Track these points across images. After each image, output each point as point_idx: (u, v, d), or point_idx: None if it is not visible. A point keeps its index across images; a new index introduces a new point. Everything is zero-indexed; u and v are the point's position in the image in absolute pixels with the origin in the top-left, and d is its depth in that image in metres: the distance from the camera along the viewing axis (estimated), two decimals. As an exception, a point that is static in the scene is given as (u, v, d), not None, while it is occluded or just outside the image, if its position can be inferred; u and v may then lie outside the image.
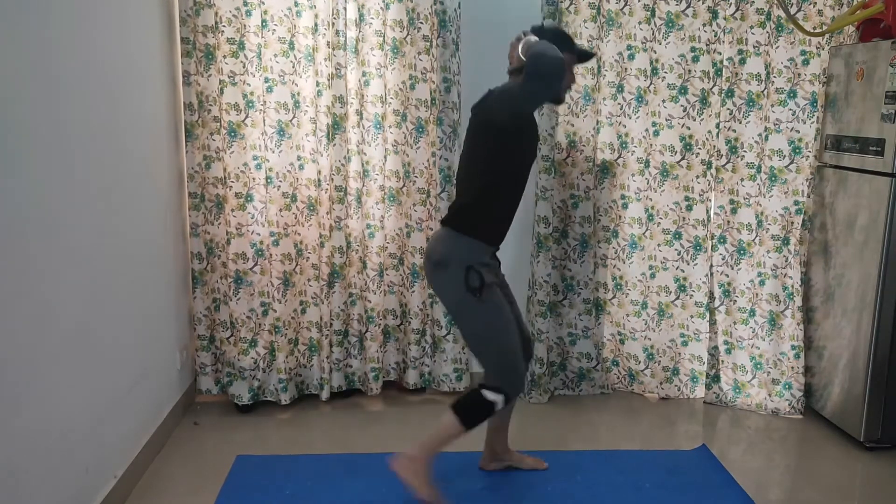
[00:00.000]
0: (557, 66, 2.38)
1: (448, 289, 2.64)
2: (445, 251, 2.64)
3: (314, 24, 3.37)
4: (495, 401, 2.61)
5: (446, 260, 2.62)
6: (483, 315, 2.62)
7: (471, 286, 2.57)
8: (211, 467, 3.03)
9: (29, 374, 2.10)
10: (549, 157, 3.58)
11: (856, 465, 3.17)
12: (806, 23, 3.46)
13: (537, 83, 2.41)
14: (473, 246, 2.64)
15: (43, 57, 2.19)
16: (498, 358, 2.65)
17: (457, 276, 2.59)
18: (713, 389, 3.76)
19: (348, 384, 3.73)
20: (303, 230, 3.56)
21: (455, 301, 2.64)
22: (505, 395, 2.61)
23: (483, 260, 2.65)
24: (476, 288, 2.58)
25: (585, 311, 3.77)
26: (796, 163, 3.56)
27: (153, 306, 3.14)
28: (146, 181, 3.08)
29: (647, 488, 2.92)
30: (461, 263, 2.59)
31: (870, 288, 3.21)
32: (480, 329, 2.65)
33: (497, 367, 2.64)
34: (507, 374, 2.64)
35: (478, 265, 2.60)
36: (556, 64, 2.38)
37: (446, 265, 2.62)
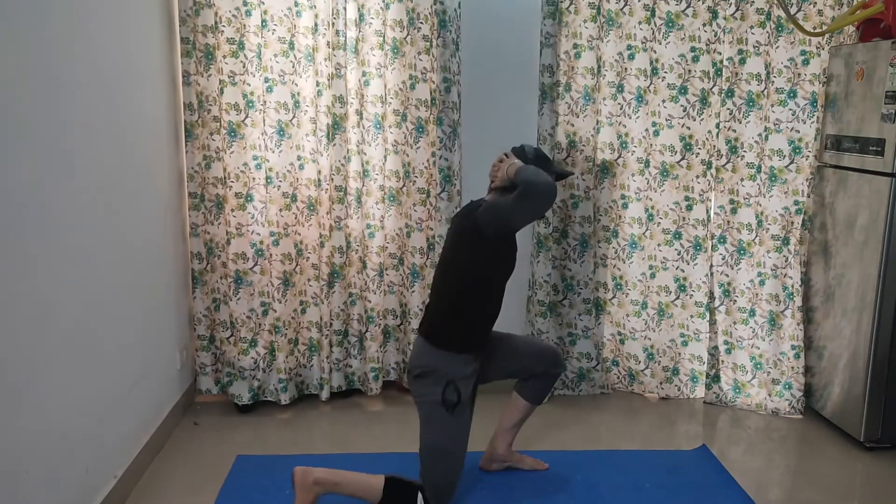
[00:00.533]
0: (550, 190, 2.53)
1: (425, 399, 2.66)
2: (427, 364, 2.66)
3: (314, 23, 3.37)
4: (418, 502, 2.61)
5: (427, 373, 2.65)
6: (448, 429, 2.64)
7: (447, 401, 2.61)
8: (211, 467, 3.03)
9: (29, 374, 2.10)
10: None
11: (856, 465, 3.17)
12: (806, 23, 3.46)
13: (532, 203, 2.53)
14: (455, 360, 2.65)
15: (43, 57, 2.19)
16: (442, 475, 2.64)
17: (435, 391, 2.62)
18: (713, 389, 3.76)
19: (348, 384, 3.73)
20: (303, 230, 3.56)
21: (428, 411, 2.66)
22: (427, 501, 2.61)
23: (465, 372, 2.66)
24: (452, 403, 2.62)
25: (585, 311, 3.77)
26: (796, 163, 3.56)
27: (153, 306, 3.14)
28: (146, 181, 3.08)
29: (647, 488, 2.92)
30: (441, 379, 2.62)
31: (870, 288, 3.21)
32: (440, 439, 2.64)
33: (437, 483, 2.63)
34: (443, 492, 2.64)
35: (458, 380, 2.63)
36: (549, 188, 2.53)
37: (426, 378, 2.65)
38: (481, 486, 2.91)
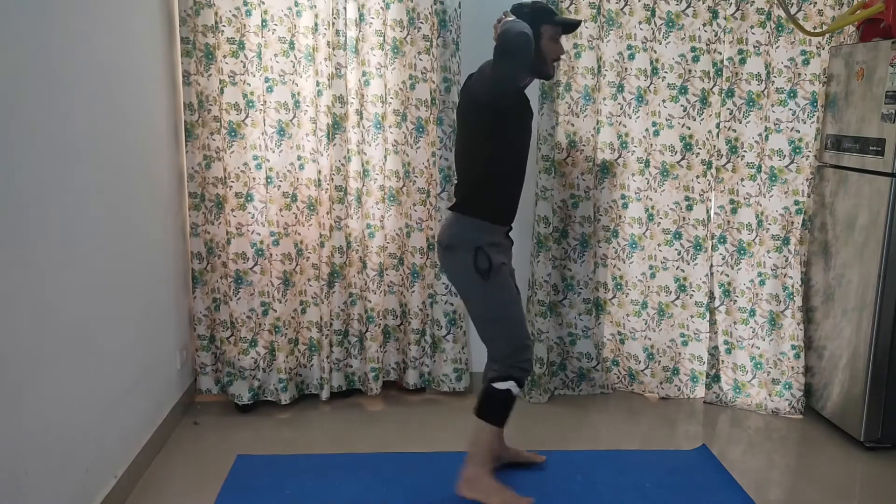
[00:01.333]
0: (520, 41, 2.37)
1: (458, 271, 2.65)
2: (454, 234, 2.66)
3: (314, 23, 3.37)
4: (509, 388, 2.61)
5: (455, 242, 2.64)
6: (491, 296, 2.63)
7: (479, 268, 2.58)
8: (211, 467, 3.03)
9: (29, 374, 2.10)
10: (549, 157, 3.59)
11: (856, 465, 3.17)
12: (806, 23, 3.46)
13: (504, 61, 2.43)
14: (481, 226, 2.65)
15: (43, 57, 2.19)
16: (506, 339, 2.64)
17: (466, 258, 2.60)
18: (713, 389, 3.76)
19: (348, 384, 3.73)
20: (303, 230, 3.56)
21: (464, 283, 2.65)
22: (515, 379, 2.61)
23: (492, 240, 2.66)
24: (485, 269, 2.58)
25: (585, 310, 3.76)
26: (796, 163, 3.56)
27: (153, 306, 3.14)
28: (146, 181, 3.08)
29: (647, 488, 2.92)
30: (470, 245, 2.60)
31: (870, 288, 3.21)
32: (489, 309, 2.65)
33: (504, 349, 2.63)
34: (515, 354, 2.63)
35: (486, 246, 2.61)
36: (518, 39, 2.37)
37: (455, 248, 2.64)
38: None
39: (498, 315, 2.65)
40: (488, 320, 2.66)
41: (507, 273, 2.70)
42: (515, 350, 2.64)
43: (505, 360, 2.63)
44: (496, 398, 2.64)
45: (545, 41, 2.68)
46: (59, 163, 2.28)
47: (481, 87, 2.57)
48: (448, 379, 3.72)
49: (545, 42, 2.67)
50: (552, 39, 2.70)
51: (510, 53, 2.41)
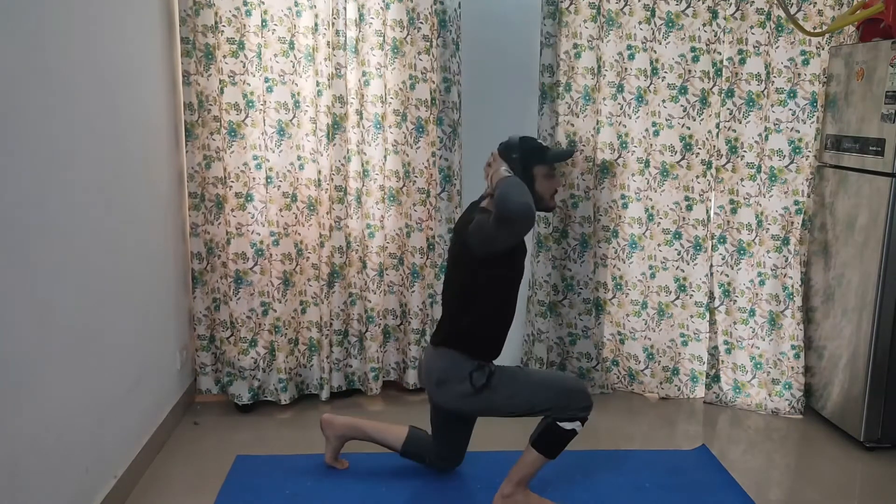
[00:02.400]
0: (522, 212, 2.33)
1: (461, 400, 2.62)
2: (444, 368, 2.63)
3: (314, 23, 3.37)
4: (574, 429, 2.58)
5: (447, 377, 2.62)
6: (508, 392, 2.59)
7: (478, 387, 2.56)
8: (211, 467, 3.03)
9: (29, 374, 2.10)
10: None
11: (856, 465, 3.17)
12: (806, 23, 3.46)
13: (506, 228, 2.41)
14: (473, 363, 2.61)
15: (42, 57, 2.19)
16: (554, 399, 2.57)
17: (463, 387, 2.58)
18: (713, 389, 3.77)
19: (348, 384, 3.73)
20: (303, 230, 3.56)
21: (475, 405, 2.62)
22: (580, 419, 2.57)
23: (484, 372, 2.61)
24: (484, 385, 2.57)
25: (585, 311, 3.76)
26: (796, 163, 3.56)
27: (153, 306, 3.14)
28: (146, 181, 3.08)
29: (647, 488, 2.92)
30: (462, 374, 2.58)
31: (870, 288, 3.21)
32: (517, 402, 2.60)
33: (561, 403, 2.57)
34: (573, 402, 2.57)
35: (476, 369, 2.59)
36: (520, 211, 2.33)
37: (449, 381, 2.62)
38: (481, 488, 2.90)
39: (529, 396, 2.59)
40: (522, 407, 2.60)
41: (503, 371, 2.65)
42: (570, 399, 2.58)
43: (566, 410, 2.56)
44: (559, 435, 2.58)
45: (539, 182, 2.63)
46: (58, 163, 2.28)
47: (480, 243, 2.51)
48: (448, 379, 3.71)
49: (539, 182, 2.63)
50: (546, 177, 2.65)
51: (513, 225, 2.39)
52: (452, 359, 2.63)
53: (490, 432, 3.04)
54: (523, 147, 2.62)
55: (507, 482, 2.68)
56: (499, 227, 2.40)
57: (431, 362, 2.70)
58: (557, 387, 2.61)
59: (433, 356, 2.70)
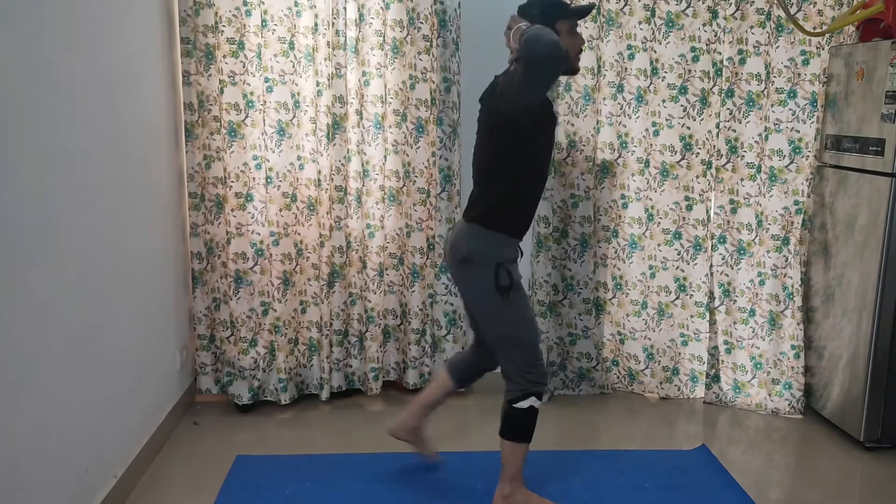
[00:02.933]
0: (552, 51, 2.25)
1: (475, 286, 2.57)
2: (474, 247, 2.55)
3: (314, 23, 3.37)
4: (532, 405, 2.57)
5: (474, 256, 2.54)
6: (510, 314, 2.56)
7: (500, 285, 2.50)
8: (211, 467, 3.03)
9: (29, 374, 2.10)
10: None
11: (856, 465, 3.18)
12: (806, 23, 3.46)
13: (535, 72, 2.31)
14: (501, 240, 2.56)
15: (42, 57, 2.19)
16: (522, 357, 2.58)
17: (485, 274, 2.52)
18: (713, 389, 3.77)
19: (348, 384, 3.73)
20: (303, 230, 3.56)
21: (481, 299, 2.57)
22: (534, 394, 2.57)
23: (511, 255, 2.58)
24: (506, 287, 2.51)
25: (585, 310, 3.76)
26: (796, 163, 3.56)
27: (153, 306, 3.14)
28: (146, 181, 3.08)
29: (647, 488, 2.92)
30: (490, 261, 2.52)
31: (870, 288, 3.21)
32: (507, 328, 2.59)
33: (520, 366, 2.58)
34: (530, 370, 2.58)
35: (507, 262, 2.54)
36: (550, 50, 2.25)
37: (474, 262, 2.54)
38: (481, 486, 2.91)
39: (516, 334, 2.59)
40: (505, 338, 2.60)
41: (524, 292, 2.63)
42: (531, 366, 2.59)
43: (521, 376, 2.57)
44: (520, 417, 2.59)
45: (563, 38, 2.50)
46: (58, 163, 2.28)
47: (510, 99, 2.43)
48: (448, 379, 3.71)
49: (563, 39, 2.49)
50: (570, 33, 2.56)
51: (546, 65, 2.29)
52: (484, 239, 2.55)
53: (490, 432, 3.04)
54: (542, 2, 2.54)
55: (501, 482, 2.69)
56: (528, 71, 2.29)
57: (460, 237, 2.61)
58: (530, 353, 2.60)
59: (464, 232, 2.61)
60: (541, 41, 2.24)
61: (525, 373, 2.58)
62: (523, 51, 2.28)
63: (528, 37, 2.26)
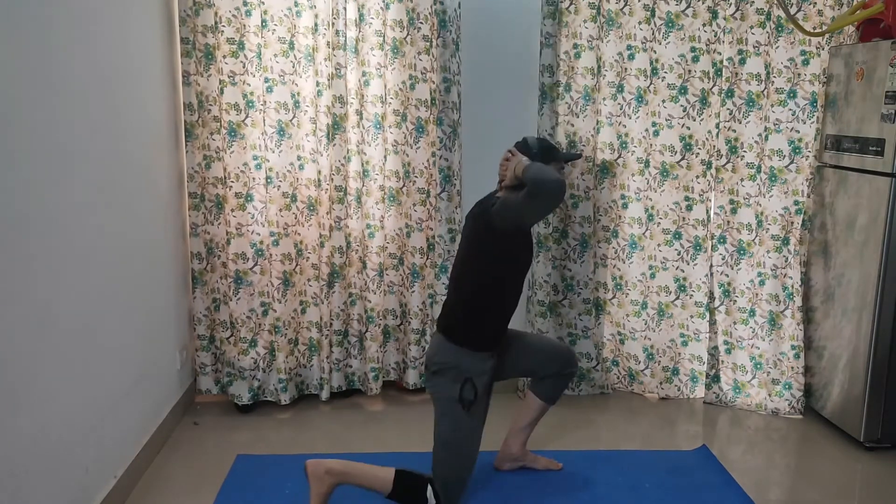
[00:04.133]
0: (557, 189, 2.54)
1: (442, 393, 2.69)
2: (445, 361, 2.68)
3: (314, 24, 3.37)
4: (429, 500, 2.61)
5: (445, 369, 2.67)
6: (463, 427, 2.66)
7: (464, 398, 2.64)
8: (211, 467, 3.03)
9: (29, 374, 2.10)
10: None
11: (856, 465, 3.18)
12: (806, 23, 3.46)
13: (538, 203, 2.57)
14: (474, 357, 2.68)
15: (43, 57, 2.19)
16: (453, 470, 2.66)
17: (453, 387, 2.64)
18: (713, 389, 3.77)
19: (348, 384, 3.73)
20: (303, 230, 3.56)
21: (444, 404, 2.68)
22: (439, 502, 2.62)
23: (483, 369, 2.68)
24: (469, 401, 2.64)
25: (585, 311, 3.76)
26: (796, 163, 3.56)
27: (153, 306, 3.14)
28: (146, 181, 3.08)
29: (647, 488, 2.92)
30: (459, 375, 2.65)
31: (870, 288, 3.21)
32: (453, 437, 2.67)
33: (448, 478, 2.64)
34: (453, 488, 2.66)
35: (476, 375, 2.66)
36: (556, 188, 2.53)
37: (444, 374, 2.67)
38: (483, 486, 2.91)
39: (459, 445, 2.67)
40: (448, 444, 2.67)
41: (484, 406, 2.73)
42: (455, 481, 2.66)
43: (443, 485, 2.63)
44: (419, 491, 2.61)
45: None
46: (58, 163, 2.28)
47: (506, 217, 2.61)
48: (448, 379, 3.71)
49: None
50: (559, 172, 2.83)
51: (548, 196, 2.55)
52: (455, 355, 2.67)
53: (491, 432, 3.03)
54: (541, 145, 2.81)
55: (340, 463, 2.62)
56: (532, 200, 2.54)
57: (435, 352, 2.74)
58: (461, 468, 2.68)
59: (439, 346, 2.74)
60: (550, 178, 2.54)
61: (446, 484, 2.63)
62: (532, 181, 2.53)
63: (538, 172, 2.55)
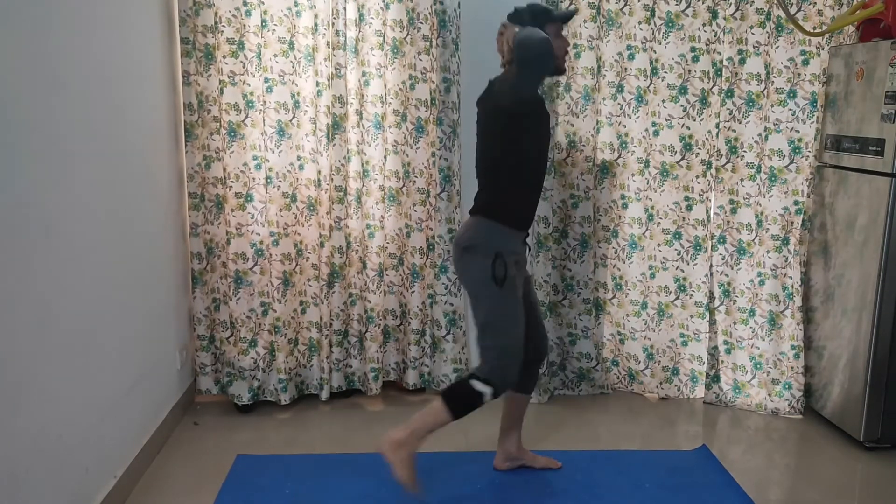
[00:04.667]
0: (543, 47, 2.45)
1: (472, 272, 2.66)
2: (475, 236, 2.68)
3: (314, 24, 3.37)
4: (483, 392, 2.59)
5: (475, 245, 2.66)
6: (499, 306, 2.64)
7: (496, 275, 2.60)
8: (211, 467, 3.03)
9: (29, 374, 2.10)
10: (549, 157, 3.58)
11: (856, 465, 3.18)
12: (806, 23, 3.46)
13: (529, 67, 2.50)
14: (503, 232, 2.68)
15: (43, 57, 2.19)
16: (499, 351, 2.64)
17: (483, 262, 2.62)
18: (713, 389, 3.77)
19: (348, 384, 3.73)
20: (303, 230, 3.56)
21: (476, 285, 2.66)
22: (494, 388, 2.60)
23: (512, 248, 2.68)
24: (501, 277, 2.60)
25: (585, 311, 3.77)
26: (796, 163, 3.56)
27: (153, 306, 3.14)
28: (146, 181, 3.08)
29: (647, 488, 2.92)
30: (490, 250, 2.62)
31: (870, 288, 3.21)
32: (492, 319, 2.65)
33: (495, 360, 2.63)
34: (503, 368, 2.63)
35: (507, 254, 2.64)
36: (541, 46, 2.45)
37: (475, 250, 2.65)
38: (481, 486, 2.91)
39: (500, 325, 2.65)
40: (489, 327, 2.66)
41: (519, 291, 2.70)
42: (506, 363, 2.64)
43: (492, 369, 2.62)
44: (468, 394, 2.61)
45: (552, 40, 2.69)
46: (58, 163, 2.28)
47: (506, 94, 2.60)
48: (448, 379, 3.71)
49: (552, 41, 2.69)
50: (556, 36, 2.73)
51: (535, 58, 2.48)
52: (486, 230, 2.68)
53: (492, 432, 3.04)
54: (532, 10, 2.71)
55: (402, 427, 2.65)
56: (522, 67, 2.48)
57: (464, 230, 2.74)
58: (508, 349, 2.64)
59: (468, 224, 2.75)
60: (533, 38, 2.46)
61: (496, 367, 2.62)
62: (517, 46, 2.47)
63: (522, 35, 2.47)
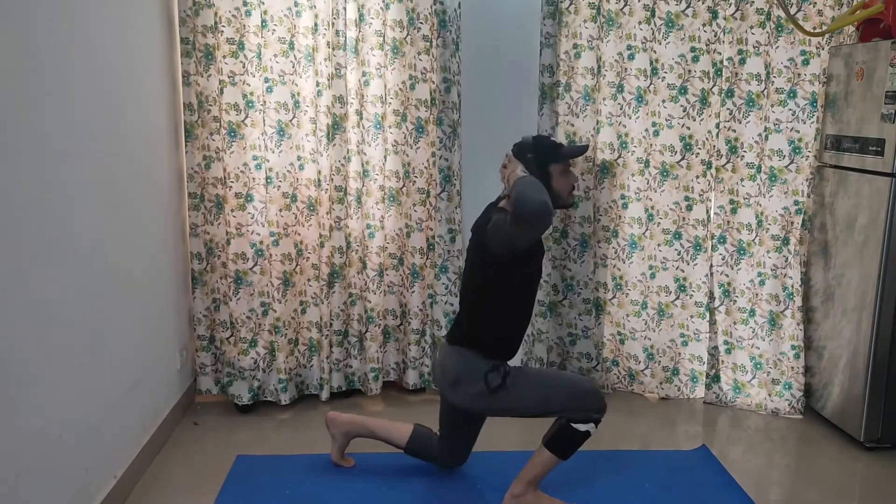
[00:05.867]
0: (542, 212, 2.31)
1: (477, 402, 2.63)
2: (458, 371, 2.63)
3: (314, 24, 3.37)
4: (588, 430, 2.57)
5: (461, 379, 2.62)
6: (524, 394, 2.60)
7: (493, 388, 2.57)
8: (211, 467, 3.03)
9: (29, 374, 2.10)
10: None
11: (856, 465, 3.18)
12: (806, 23, 3.46)
13: (524, 227, 2.39)
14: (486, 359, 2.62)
15: (42, 57, 2.19)
16: (566, 399, 2.58)
17: (477, 388, 2.58)
18: (713, 389, 3.77)
19: (348, 384, 3.73)
20: (303, 230, 3.56)
21: (490, 404, 2.62)
22: (594, 420, 2.57)
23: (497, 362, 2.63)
24: (499, 384, 2.57)
25: (585, 311, 3.76)
26: (796, 163, 3.56)
27: (153, 306, 3.14)
28: (146, 181, 3.08)
29: (647, 488, 2.92)
30: (478, 374, 2.58)
31: (870, 288, 3.21)
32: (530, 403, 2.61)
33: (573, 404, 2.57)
34: (585, 401, 2.57)
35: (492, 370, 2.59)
36: (540, 211, 2.31)
37: (462, 383, 2.62)
38: (483, 486, 2.90)
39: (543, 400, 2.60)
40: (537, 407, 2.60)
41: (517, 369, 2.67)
42: (584, 400, 2.58)
43: (577, 409, 2.56)
44: (573, 436, 2.57)
45: (556, 179, 2.64)
46: (58, 163, 2.28)
47: (498, 242, 2.51)
48: (448, 379, 3.71)
49: (556, 180, 2.64)
50: (563, 174, 2.66)
51: (531, 224, 2.37)
52: (468, 359, 2.63)
53: (494, 432, 3.04)
54: (537, 146, 2.63)
55: (517, 481, 2.67)
56: (517, 226, 2.39)
57: (446, 361, 2.69)
58: (571, 388, 2.60)
59: (448, 355, 2.70)
60: (529, 200, 2.31)
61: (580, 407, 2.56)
62: (516, 202, 2.34)
63: (521, 192, 2.34)
